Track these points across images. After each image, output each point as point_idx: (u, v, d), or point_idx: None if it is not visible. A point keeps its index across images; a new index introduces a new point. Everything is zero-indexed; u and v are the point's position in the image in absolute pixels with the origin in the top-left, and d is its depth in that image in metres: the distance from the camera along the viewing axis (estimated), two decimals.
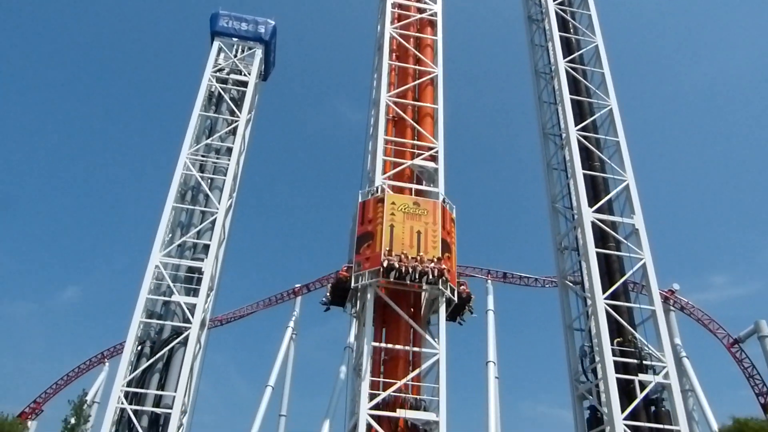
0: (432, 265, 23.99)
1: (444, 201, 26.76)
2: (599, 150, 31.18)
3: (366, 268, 24.39)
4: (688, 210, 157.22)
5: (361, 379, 23.02)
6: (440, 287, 24.06)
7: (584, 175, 29.51)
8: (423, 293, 25.15)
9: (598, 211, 28.64)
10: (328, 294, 26.65)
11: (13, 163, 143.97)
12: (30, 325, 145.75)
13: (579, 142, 30.50)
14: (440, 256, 24.62)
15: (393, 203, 25.75)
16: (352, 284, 24.52)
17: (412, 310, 25.19)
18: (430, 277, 23.80)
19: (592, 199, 29.11)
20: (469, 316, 26.65)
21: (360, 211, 26.57)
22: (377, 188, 26.77)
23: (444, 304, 24.42)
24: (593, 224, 28.10)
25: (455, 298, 24.90)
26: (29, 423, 43.21)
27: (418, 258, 24.18)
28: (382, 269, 23.69)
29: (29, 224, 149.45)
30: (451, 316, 25.88)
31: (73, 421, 35.81)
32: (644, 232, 28.34)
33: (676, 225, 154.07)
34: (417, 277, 23.71)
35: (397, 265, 23.67)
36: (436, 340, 24.14)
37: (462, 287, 25.91)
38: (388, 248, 24.31)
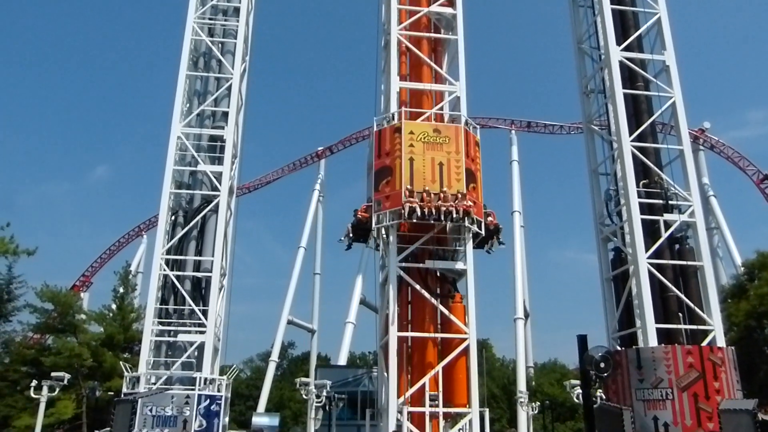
0: (456, 202, 22.88)
1: (467, 123, 25.14)
2: None
3: (386, 207, 23.28)
4: (724, 43, 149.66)
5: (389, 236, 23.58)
6: (466, 224, 23.17)
7: (612, 9, 27.83)
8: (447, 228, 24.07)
9: (626, 49, 27.34)
10: (348, 234, 25.49)
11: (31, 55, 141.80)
12: (67, 204, 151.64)
13: None
14: (465, 190, 23.38)
15: (411, 132, 23.93)
16: (373, 225, 23.61)
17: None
18: (455, 216, 22.82)
19: (621, 37, 27.68)
20: (498, 247, 25.72)
21: (376, 142, 24.94)
22: (393, 115, 25.04)
23: (470, 241, 23.70)
24: (621, 63, 26.94)
25: (482, 232, 23.98)
26: (81, 294, 46.15)
27: (441, 195, 22.98)
28: (403, 213, 22.68)
29: (53, 106, 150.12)
30: (479, 245, 25.07)
31: (121, 290, 38.25)
32: (675, 69, 27.19)
33: (711, 60, 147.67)
34: (441, 217, 22.76)
35: (418, 210, 22.62)
36: None
37: (489, 218, 24.82)
38: (408, 186, 23.00)
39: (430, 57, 27.57)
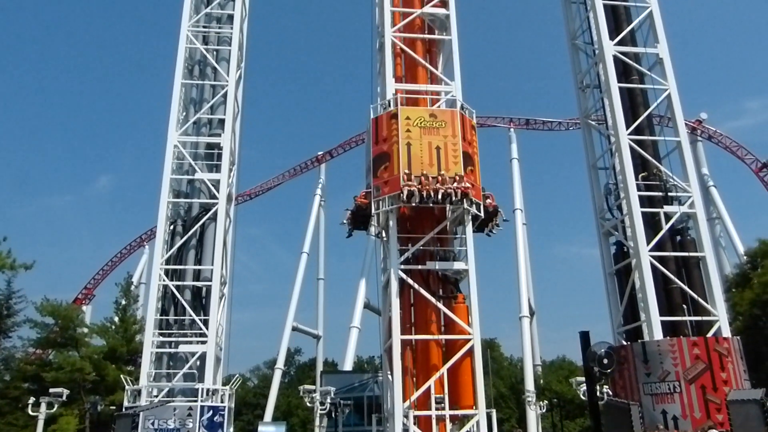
0: (455, 185, 22.70)
1: (462, 107, 25.02)
2: None
3: (385, 192, 23.12)
4: (719, 33, 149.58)
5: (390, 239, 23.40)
6: (465, 206, 23.00)
7: (605, 5, 27.86)
8: (447, 210, 24.07)
9: (620, 43, 27.32)
10: (348, 220, 25.43)
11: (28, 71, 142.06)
12: (70, 216, 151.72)
13: None
14: (462, 172, 23.20)
15: (408, 118, 23.91)
16: (373, 210, 23.50)
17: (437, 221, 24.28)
18: (454, 198, 22.66)
19: (614, 32, 27.69)
20: (497, 229, 25.51)
21: (373, 129, 24.87)
22: (389, 102, 24.94)
23: (470, 223, 23.54)
24: (615, 58, 26.92)
25: (481, 214, 23.80)
26: (84, 308, 45.91)
27: (439, 178, 22.83)
28: (402, 195, 22.55)
29: (54, 118, 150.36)
30: (479, 228, 24.91)
31: (123, 302, 38.10)
32: (669, 61, 27.17)
33: (707, 50, 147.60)
34: (439, 199, 22.64)
35: (417, 193, 22.47)
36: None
37: (488, 200, 24.63)
38: (406, 171, 22.90)
39: (424, 58, 27.44)
